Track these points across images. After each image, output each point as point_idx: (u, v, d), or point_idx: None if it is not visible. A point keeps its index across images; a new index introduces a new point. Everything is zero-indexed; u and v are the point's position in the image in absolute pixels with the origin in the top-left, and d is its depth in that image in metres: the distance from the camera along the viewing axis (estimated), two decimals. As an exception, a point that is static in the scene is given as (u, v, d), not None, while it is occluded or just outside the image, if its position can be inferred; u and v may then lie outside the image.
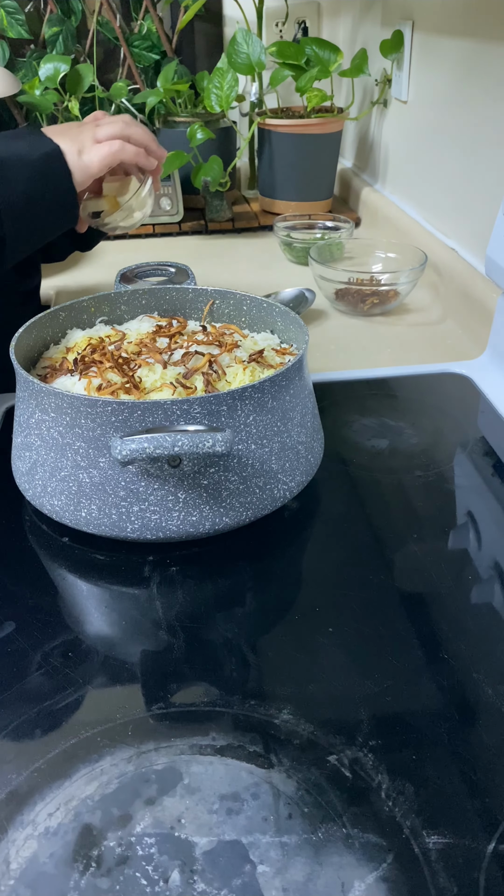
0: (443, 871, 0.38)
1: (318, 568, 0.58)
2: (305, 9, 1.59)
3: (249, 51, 1.21)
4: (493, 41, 0.90)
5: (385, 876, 0.38)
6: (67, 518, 0.58)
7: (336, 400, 0.80)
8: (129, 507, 0.55)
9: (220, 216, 1.33)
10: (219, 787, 0.42)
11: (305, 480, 0.62)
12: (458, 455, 0.71)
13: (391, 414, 0.78)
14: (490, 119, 0.92)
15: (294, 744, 0.44)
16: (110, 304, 0.74)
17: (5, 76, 1.41)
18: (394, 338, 0.96)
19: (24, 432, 0.59)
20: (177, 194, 1.32)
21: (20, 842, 0.39)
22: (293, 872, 0.38)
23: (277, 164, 1.31)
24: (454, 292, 0.99)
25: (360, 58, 1.24)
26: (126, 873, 0.38)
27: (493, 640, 0.51)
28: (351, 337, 0.96)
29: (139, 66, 1.61)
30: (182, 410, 0.52)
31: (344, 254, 1.10)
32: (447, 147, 1.05)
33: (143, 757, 0.44)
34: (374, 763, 0.43)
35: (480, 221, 0.97)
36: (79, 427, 0.54)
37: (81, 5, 1.55)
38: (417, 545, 0.60)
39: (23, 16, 1.50)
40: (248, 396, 0.55)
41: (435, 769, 0.42)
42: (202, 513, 0.56)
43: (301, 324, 0.65)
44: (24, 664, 0.49)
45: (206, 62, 1.71)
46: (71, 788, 0.42)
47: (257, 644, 0.51)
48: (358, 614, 0.53)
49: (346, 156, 1.55)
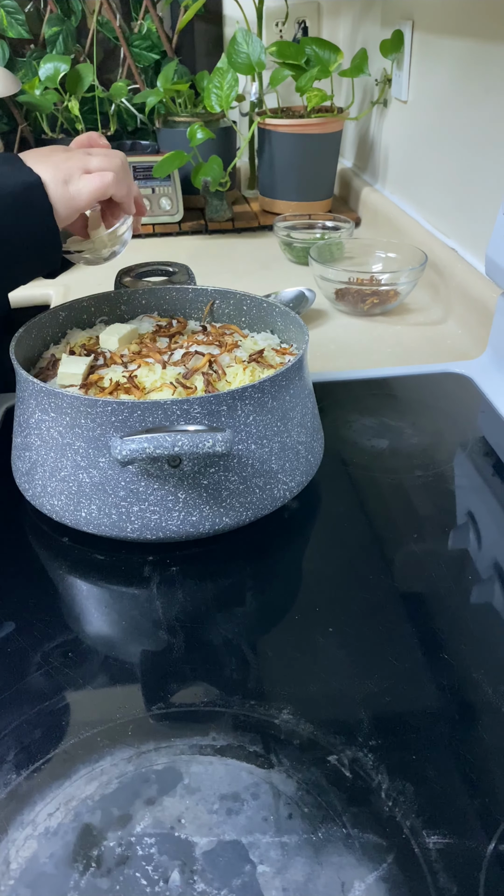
0: (443, 871, 0.38)
1: (318, 568, 0.58)
2: (305, 9, 1.59)
3: (249, 51, 1.21)
4: (493, 41, 0.90)
5: (385, 876, 0.37)
6: (67, 518, 0.58)
7: (336, 400, 0.80)
8: (129, 507, 0.55)
9: (220, 216, 1.33)
10: (219, 787, 0.42)
11: (305, 480, 0.62)
12: (458, 455, 0.71)
13: (391, 414, 0.78)
14: (490, 119, 0.92)
15: (294, 744, 0.44)
16: (110, 304, 0.74)
17: (5, 76, 1.41)
18: (394, 338, 0.96)
19: (24, 432, 0.59)
20: (177, 194, 1.32)
21: (20, 842, 0.39)
22: (293, 872, 0.38)
23: (277, 164, 1.31)
24: (454, 292, 0.99)
25: (360, 58, 1.24)
26: (126, 873, 0.38)
27: (493, 640, 0.51)
28: (351, 337, 0.96)
29: (139, 66, 1.61)
30: (182, 410, 0.52)
31: (344, 254, 1.10)
32: (447, 147, 1.05)
33: (143, 757, 0.44)
34: (374, 763, 0.43)
35: (480, 221, 0.97)
36: (79, 427, 0.54)
37: (81, 5, 1.55)
38: (417, 545, 0.60)
39: (23, 16, 1.50)
40: (248, 396, 0.55)
41: (435, 769, 0.42)
42: (202, 513, 0.56)
43: (301, 324, 0.65)
44: (24, 664, 0.49)
45: (206, 62, 1.71)
46: (71, 788, 0.42)
47: (257, 644, 0.51)
48: (358, 614, 0.53)
49: (346, 156, 1.55)
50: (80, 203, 0.63)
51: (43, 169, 0.62)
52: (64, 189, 0.62)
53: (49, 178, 0.61)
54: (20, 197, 0.60)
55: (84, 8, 1.56)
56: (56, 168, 0.62)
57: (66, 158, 0.64)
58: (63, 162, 0.63)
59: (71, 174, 0.63)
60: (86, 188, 0.63)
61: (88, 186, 0.63)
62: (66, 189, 0.62)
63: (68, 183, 0.62)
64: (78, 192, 0.62)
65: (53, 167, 0.62)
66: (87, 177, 0.63)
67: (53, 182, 0.61)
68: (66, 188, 0.62)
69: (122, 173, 0.65)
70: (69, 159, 0.64)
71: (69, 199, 0.62)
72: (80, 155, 0.65)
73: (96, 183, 0.63)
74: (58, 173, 0.62)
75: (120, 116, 1.59)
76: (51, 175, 0.62)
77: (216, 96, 1.25)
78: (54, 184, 0.61)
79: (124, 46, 1.58)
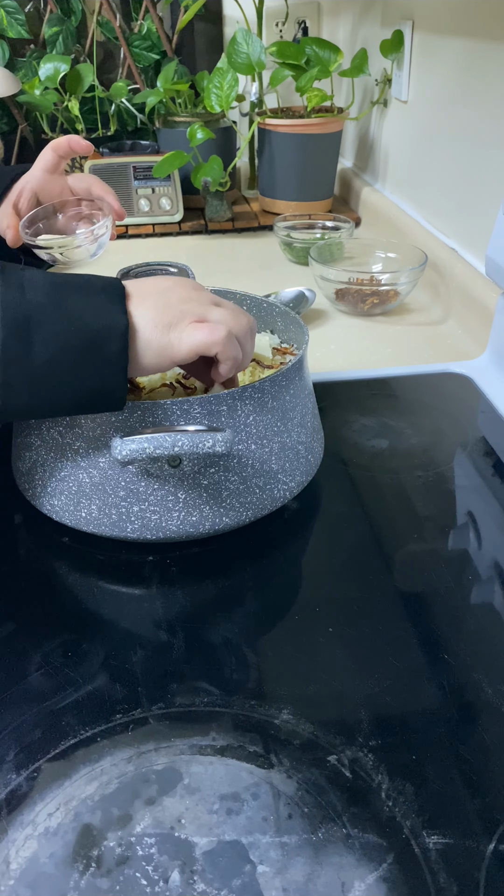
0: (443, 871, 0.38)
1: (318, 568, 0.58)
2: (305, 9, 1.59)
3: (249, 51, 1.21)
4: (493, 41, 0.90)
5: (385, 876, 0.37)
6: (67, 518, 0.58)
7: (336, 400, 0.80)
8: (129, 507, 0.55)
9: (220, 216, 1.33)
10: (219, 787, 0.42)
11: (305, 480, 0.62)
12: (458, 455, 0.71)
13: (391, 414, 0.78)
14: (490, 119, 0.92)
15: (294, 744, 0.44)
16: (110, 304, 0.74)
17: (5, 76, 1.41)
18: (394, 338, 0.96)
19: (24, 432, 0.59)
20: (177, 194, 1.32)
21: (20, 842, 0.39)
22: (293, 872, 0.38)
23: (277, 164, 1.31)
24: (454, 292, 0.99)
25: (360, 58, 1.24)
26: (126, 873, 0.38)
27: (493, 640, 0.51)
28: (351, 337, 0.96)
29: (139, 66, 1.61)
30: (182, 410, 0.52)
31: (344, 254, 1.10)
32: (447, 147, 1.05)
33: (143, 757, 0.44)
34: (374, 763, 0.43)
35: (480, 221, 0.97)
36: (79, 427, 0.54)
37: (81, 5, 1.55)
38: (417, 545, 0.60)
39: (23, 16, 1.50)
40: (248, 396, 0.55)
41: (435, 769, 0.42)
42: (202, 513, 0.56)
43: (301, 324, 0.65)
44: (24, 664, 0.49)
45: (206, 62, 1.71)
46: (71, 788, 0.42)
47: (257, 644, 0.51)
48: (358, 614, 0.53)
49: (346, 156, 1.55)
50: (177, 356, 0.51)
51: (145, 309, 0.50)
52: (161, 334, 0.50)
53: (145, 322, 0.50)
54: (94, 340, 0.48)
55: (84, 8, 1.56)
56: (164, 310, 0.51)
57: (186, 301, 0.52)
58: (178, 304, 0.51)
59: (180, 318, 0.51)
60: (189, 339, 0.50)
61: (193, 338, 0.50)
62: (166, 335, 0.50)
63: (171, 328, 0.50)
64: (179, 340, 0.51)
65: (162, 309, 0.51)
66: (196, 326, 0.51)
67: (153, 323, 0.50)
68: (164, 334, 0.50)
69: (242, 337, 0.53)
70: (189, 301, 0.52)
71: (164, 346, 0.50)
72: (206, 299, 0.53)
73: (203, 336, 0.50)
74: (162, 315, 0.51)
75: (120, 116, 1.59)
76: (151, 316, 0.50)
77: (216, 96, 1.25)
78: (151, 327, 0.50)
79: (124, 46, 1.58)
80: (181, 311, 0.51)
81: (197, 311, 0.52)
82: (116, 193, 0.76)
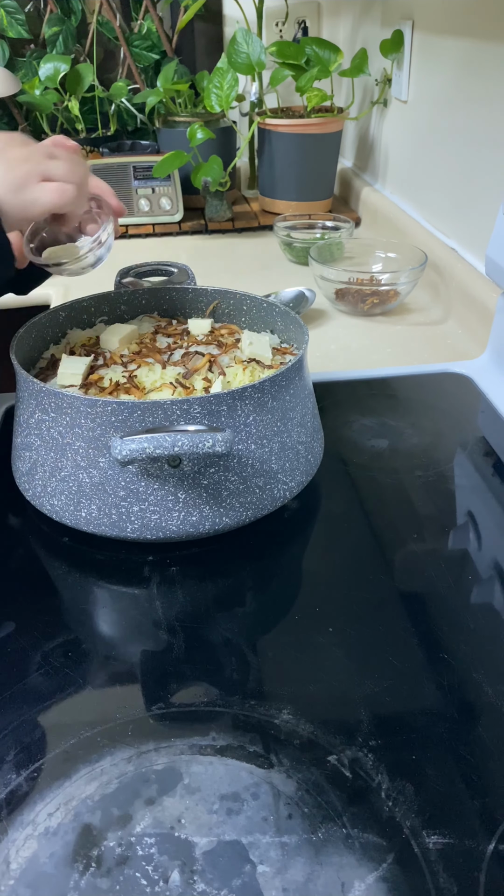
0: (443, 871, 0.38)
1: (318, 568, 0.58)
2: (305, 8, 1.59)
3: (249, 50, 1.21)
4: (493, 41, 0.90)
5: (385, 876, 0.37)
6: (67, 518, 0.58)
7: (336, 400, 0.80)
8: (129, 507, 0.55)
9: (220, 216, 1.33)
10: (219, 787, 0.42)
11: (305, 480, 0.62)
12: (458, 455, 0.71)
13: (391, 414, 0.78)
14: (490, 119, 0.92)
15: (294, 744, 0.44)
16: (110, 303, 0.74)
17: (5, 76, 1.41)
18: (394, 338, 0.96)
19: (24, 432, 0.59)
20: (177, 194, 1.32)
21: (20, 842, 0.39)
22: (293, 872, 0.38)
23: (277, 164, 1.31)
24: (454, 292, 0.99)
25: (360, 58, 1.24)
26: (126, 873, 0.38)
27: (493, 640, 0.51)
28: (351, 337, 0.96)
29: (139, 66, 1.61)
30: (182, 410, 0.52)
31: (344, 254, 1.10)
32: (447, 147, 1.05)
33: (143, 757, 0.44)
34: (374, 763, 0.43)
35: (480, 221, 0.97)
36: (79, 427, 0.54)
37: (81, 5, 1.55)
38: (417, 545, 0.60)
39: (23, 16, 1.50)
40: (248, 396, 0.55)
41: (435, 769, 0.42)
42: (202, 513, 0.56)
43: (301, 324, 0.65)
44: (24, 664, 0.49)
45: (206, 62, 1.71)
46: (71, 788, 0.42)
47: (257, 644, 0.51)
48: (358, 614, 0.53)
49: (346, 156, 1.54)
50: (32, 215, 0.56)
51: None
52: (16, 197, 0.54)
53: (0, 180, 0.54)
54: None
55: (84, 8, 1.56)
56: (10, 169, 0.55)
57: (25, 158, 0.56)
58: (20, 162, 0.55)
59: (27, 180, 0.55)
60: (41, 200, 0.55)
61: (44, 199, 0.55)
62: (19, 197, 0.54)
63: (22, 190, 0.55)
64: (33, 202, 0.55)
65: (7, 167, 0.55)
66: (45, 187, 0.55)
67: (4, 187, 0.54)
68: (18, 196, 0.54)
69: (84, 187, 0.58)
70: (28, 159, 0.56)
71: (21, 207, 0.55)
72: (41, 156, 0.57)
73: (54, 197, 0.55)
74: (11, 176, 0.54)
75: (120, 116, 1.59)
76: (2, 177, 0.54)
77: (216, 96, 1.25)
78: (5, 189, 0.54)
79: (124, 46, 1.58)
80: (26, 172, 0.55)
81: (39, 170, 0.56)
82: (116, 193, 0.75)
